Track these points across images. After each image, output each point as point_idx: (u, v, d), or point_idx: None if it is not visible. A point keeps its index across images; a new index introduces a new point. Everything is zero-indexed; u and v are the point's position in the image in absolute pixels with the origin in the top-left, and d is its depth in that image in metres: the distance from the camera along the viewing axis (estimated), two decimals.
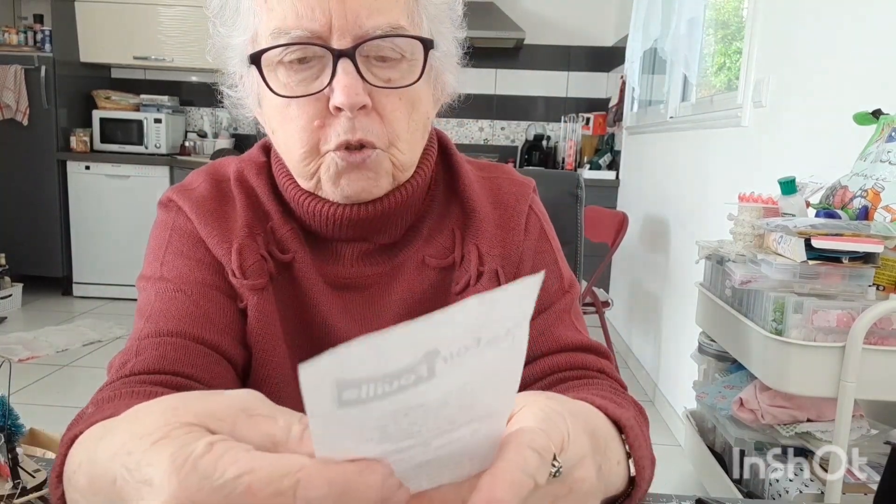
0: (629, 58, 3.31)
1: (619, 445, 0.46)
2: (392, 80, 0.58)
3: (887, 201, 1.15)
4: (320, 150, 0.58)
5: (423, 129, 0.64)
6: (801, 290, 1.17)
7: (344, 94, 0.54)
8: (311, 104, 0.57)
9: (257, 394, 0.34)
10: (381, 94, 0.58)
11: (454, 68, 0.67)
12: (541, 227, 0.72)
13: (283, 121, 0.59)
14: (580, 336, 0.68)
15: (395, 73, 0.58)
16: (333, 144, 0.57)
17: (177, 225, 0.66)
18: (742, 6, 2.46)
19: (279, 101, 0.58)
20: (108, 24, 4.03)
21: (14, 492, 0.49)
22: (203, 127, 4.41)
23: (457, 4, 0.67)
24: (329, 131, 0.57)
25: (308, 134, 0.58)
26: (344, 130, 0.56)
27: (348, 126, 0.56)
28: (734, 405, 1.32)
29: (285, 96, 0.57)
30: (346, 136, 0.56)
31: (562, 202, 0.99)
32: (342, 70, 0.55)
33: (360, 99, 0.55)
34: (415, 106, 0.61)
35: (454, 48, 0.66)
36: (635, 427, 0.48)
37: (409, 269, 0.68)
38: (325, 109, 0.57)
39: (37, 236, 3.95)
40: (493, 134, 4.46)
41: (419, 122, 0.62)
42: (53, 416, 2.34)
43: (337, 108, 0.56)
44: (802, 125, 1.74)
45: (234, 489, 0.28)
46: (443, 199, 0.71)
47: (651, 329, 3.01)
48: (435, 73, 0.65)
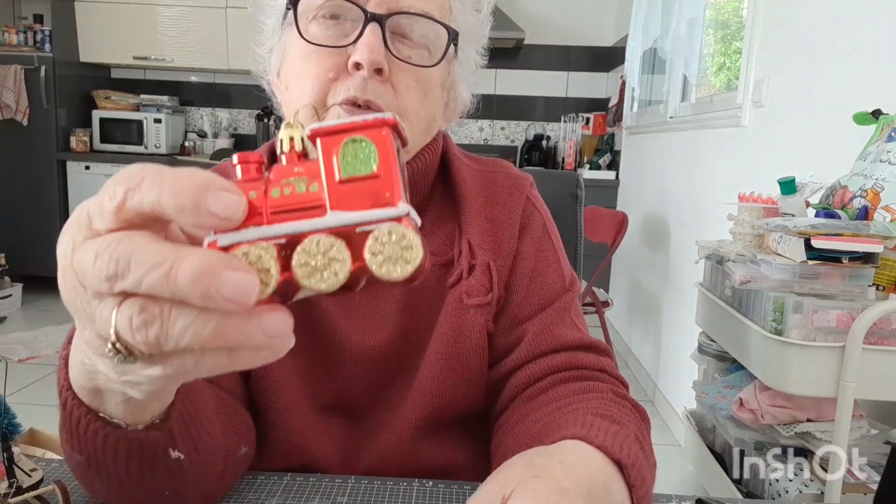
0: (629, 58, 3.31)
1: (620, 485, 0.46)
2: (412, 58, 0.60)
3: (887, 201, 1.15)
4: (326, 104, 0.59)
5: (428, 124, 0.65)
6: (800, 290, 1.16)
7: (366, 49, 0.56)
8: (331, 57, 0.58)
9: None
10: (399, 67, 0.59)
11: (468, 86, 0.70)
12: (543, 224, 0.72)
13: (301, 71, 0.60)
14: (580, 335, 0.68)
15: (416, 54, 0.60)
16: (341, 98, 0.58)
17: None
18: (742, 6, 2.45)
19: (302, 51, 0.60)
20: (108, 24, 4.03)
21: (9, 491, 0.49)
22: (203, 127, 4.40)
23: (486, 29, 0.69)
24: (339, 85, 0.58)
25: (320, 84, 0.59)
26: (355, 87, 0.57)
27: (361, 85, 0.57)
28: (734, 405, 1.32)
29: (311, 42, 0.59)
30: (355, 92, 0.57)
31: (562, 202, 0.99)
32: (370, 31, 0.57)
33: (379, 59, 0.56)
34: (426, 95, 0.62)
35: (473, 67, 0.69)
36: (637, 461, 0.48)
37: None
38: (342, 65, 0.58)
39: (37, 236, 3.94)
40: (492, 134, 4.46)
41: (427, 114, 0.63)
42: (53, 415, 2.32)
43: (355, 66, 0.57)
44: (802, 125, 1.74)
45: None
46: (441, 195, 0.72)
47: (651, 329, 3.01)
48: (451, 83, 0.67)
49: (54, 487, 0.50)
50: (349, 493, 0.58)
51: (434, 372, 0.66)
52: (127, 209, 0.27)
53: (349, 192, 0.29)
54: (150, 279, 0.26)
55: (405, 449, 0.67)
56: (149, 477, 0.45)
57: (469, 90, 0.70)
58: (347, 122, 0.29)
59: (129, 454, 0.42)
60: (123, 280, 0.26)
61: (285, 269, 0.28)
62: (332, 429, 0.68)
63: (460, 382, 0.66)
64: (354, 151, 0.29)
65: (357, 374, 0.67)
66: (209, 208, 0.26)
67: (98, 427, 0.40)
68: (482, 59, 0.71)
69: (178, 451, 0.44)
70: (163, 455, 0.44)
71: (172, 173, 0.27)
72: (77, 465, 0.46)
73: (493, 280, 0.66)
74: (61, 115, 3.95)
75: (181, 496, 0.49)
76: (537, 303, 0.68)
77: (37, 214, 3.95)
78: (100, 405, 0.39)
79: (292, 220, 0.28)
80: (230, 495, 0.58)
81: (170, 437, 0.43)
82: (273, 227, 0.28)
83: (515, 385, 0.65)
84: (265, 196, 0.29)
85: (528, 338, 0.66)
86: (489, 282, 0.66)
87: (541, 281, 0.69)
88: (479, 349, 0.66)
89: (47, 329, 3.35)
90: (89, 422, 0.40)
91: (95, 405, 0.39)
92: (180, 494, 0.49)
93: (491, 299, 0.66)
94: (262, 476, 0.61)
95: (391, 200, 0.29)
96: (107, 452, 0.42)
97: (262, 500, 0.57)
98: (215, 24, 4.02)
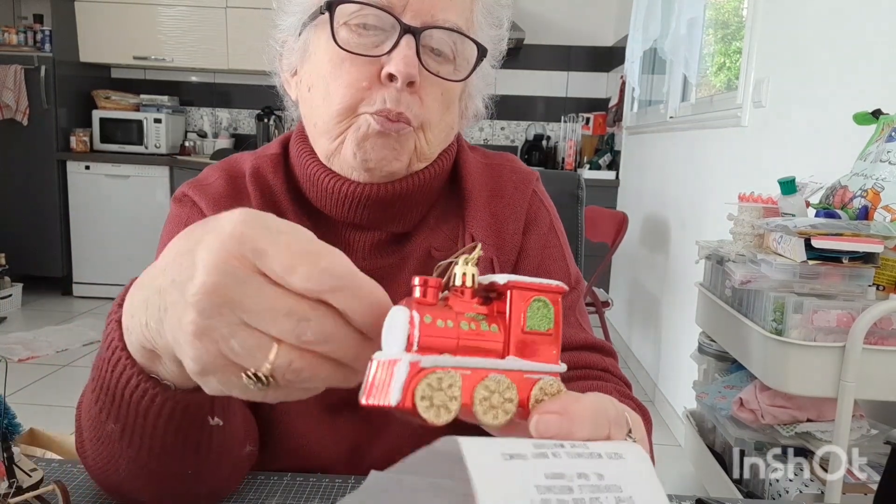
0: (629, 58, 3.31)
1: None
2: (441, 73, 0.61)
3: (887, 201, 1.15)
4: (357, 110, 0.60)
5: (448, 133, 0.67)
6: (801, 290, 1.16)
7: (403, 62, 0.57)
8: (365, 66, 0.59)
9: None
10: (428, 80, 0.60)
11: (482, 95, 0.72)
12: (550, 221, 0.73)
13: (331, 77, 0.60)
14: (584, 334, 0.68)
15: (444, 69, 0.61)
16: (375, 108, 0.59)
17: (191, 220, 0.66)
18: (742, 6, 2.45)
19: (333, 55, 0.60)
20: (108, 24, 4.03)
21: (9, 491, 0.49)
22: (203, 127, 4.40)
23: (503, 44, 0.71)
24: (374, 95, 0.59)
25: (353, 91, 0.59)
26: (391, 99, 0.58)
27: (395, 97, 0.58)
28: (734, 405, 1.32)
29: (348, 50, 0.59)
30: (390, 104, 0.58)
31: (562, 202, 0.99)
32: (405, 43, 0.58)
33: (413, 73, 0.57)
34: (449, 107, 0.64)
35: (489, 79, 0.71)
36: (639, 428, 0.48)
37: (415, 259, 0.68)
38: (375, 75, 0.59)
39: (37, 236, 3.95)
40: (492, 134, 4.46)
41: (447, 123, 0.65)
42: (53, 415, 2.34)
43: (389, 77, 0.58)
44: (802, 125, 1.74)
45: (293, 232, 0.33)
46: (448, 190, 0.72)
47: (651, 329, 3.01)
48: (468, 94, 0.69)
49: (54, 487, 0.50)
50: (349, 492, 0.58)
51: None
52: (320, 293, 0.32)
53: (528, 342, 0.33)
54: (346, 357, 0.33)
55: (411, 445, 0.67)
56: (181, 446, 0.46)
57: (483, 100, 0.72)
58: (536, 283, 0.34)
59: (170, 418, 0.43)
60: (317, 347, 0.32)
61: (466, 398, 0.31)
62: (341, 427, 0.68)
63: None
64: (539, 310, 0.34)
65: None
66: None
67: (149, 387, 0.41)
68: (495, 71, 0.73)
69: (217, 419, 0.46)
70: (200, 423, 0.46)
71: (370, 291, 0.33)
72: (108, 437, 0.46)
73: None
74: (61, 115, 3.95)
75: (200, 477, 0.50)
76: None
77: (37, 214, 3.95)
78: (153, 366, 0.41)
79: (477, 355, 0.32)
80: (230, 495, 0.58)
81: (210, 404, 0.45)
82: (467, 359, 0.32)
83: None
84: (457, 327, 0.32)
85: None
86: None
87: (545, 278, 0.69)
88: None
89: (47, 329, 3.35)
90: (140, 381, 0.41)
91: (149, 366, 0.41)
92: (200, 475, 0.50)
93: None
94: (262, 476, 0.61)
95: (556, 358, 0.34)
96: (149, 416, 0.43)
97: (262, 500, 0.57)
98: (215, 24, 4.02)
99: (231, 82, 4.40)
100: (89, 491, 0.55)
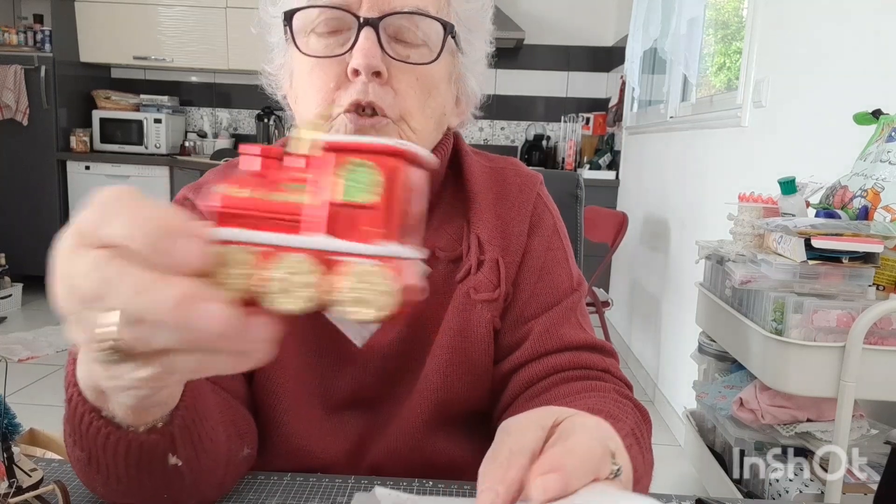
0: (629, 58, 3.31)
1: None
2: (410, 57, 0.60)
3: (887, 201, 1.15)
4: (332, 113, 0.60)
5: (438, 121, 0.65)
6: (801, 290, 1.16)
7: (361, 55, 0.57)
8: (332, 67, 0.59)
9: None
10: (398, 68, 0.59)
11: (479, 77, 0.70)
12: (553, 223, 0.73)
13: (306, 85, 0.61)
14: (585, 335, 0.68)
15: (414, 53, 0.60)
16: (344, 105, 0.58)
17: None
18: (742, 6, 2.45)
19: (305, 65, 0.61)
20: (108, 23, 4.03)
21: (9, 491, 0.49)
22: (203, 127, 4.40)
23: (488, 17, 0.69)
24: (342, 94, 0.59)
25: (324, 95, 0.59)
26: (356, 91, 0.58)
27: (361, 89, 0.58)
28: (734, 405, 1.32)
29: (308, 55, 0.60)
30: (357, 96, 0.58)
31: (562, 202, 0.99)
32: (364, 36, 0.57)
33: (375, 62, 0.57)
34: (430, 92, 0.62)
35: (482, 58, 0.69)
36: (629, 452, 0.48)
37: None
38: (343, 74, 0.59)
39: (37, 236, 3.94)
40: (492, 134, 4.46)
41: (434, 111, 0.63)
42: (53, 415, 2.33)
43: (354, 72, 0.57)
44: (802, 125, 1.74)
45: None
46: (452, 192, 0.72)
47: (651, 329, 3.01)
48: (458, 76, 0.67)
49: (54, 487, 0.50)
50: (349, 492, 0.58)
51: (440, 365, 0.66)
52: (100, 238, 0.29)
53: (343, 217, 0.28)
54: (132, 305, 0.28)
55: (411, 443, 0.67)
56: (146, 479, 0.45)
57: (479, 82, 0.70)
58: (364, 142, 0.28)
59: (127, 455, 0.42)
60: (107, 301, 0.28)
61: (255, 279, 0.28)
62: (342, 426, 0.68)
63: (465, 377, 0.66)
64: (358, 176, 0.28)
65: (367, 370, 0.67)
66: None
67: (100, 426, 0.41)
68: (490, 48, 0.70)
69: (176, 458, 0.45)
70: (161, 459, 0.44)
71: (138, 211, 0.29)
72: (78, 460, 0.46)
73: (500, 276, 0.67)
74: (61, 115, 3.95)
75: (179, 501, 0.50)
76: (544, 301, 0.68)
77: (37, 214, 3.95)
78: (103, 404, 0.40)
79: (282, 230, 0.28)
80: (230, 495, 0.58)
81: (171, 442, 0.44)
82: (264, 234, 0.28)
83: (519, 383, 0.66)
84: (258, 198, 0.29)
85: (534, 336, 0.66)
86: (497, 278, 0.67)
87: (549, 280, 0.69)
88: (484, 344, 0.67)
89: (47, 329, 3.35)
90: (91, 419, 0.41)
91: (99, 403, 0.40)
92: (178, 499, 0.49)
93: (498, 295, 0.67)
94: (262, 476, 0.61)
95: (380, 237, 0.28)
96: (107, 451, 0.42)
97: (262, 500, 0.57)
98: (215, 24, 4.02)
99: (231, 82, 4.40)
100: (89, 491, 0.55)
